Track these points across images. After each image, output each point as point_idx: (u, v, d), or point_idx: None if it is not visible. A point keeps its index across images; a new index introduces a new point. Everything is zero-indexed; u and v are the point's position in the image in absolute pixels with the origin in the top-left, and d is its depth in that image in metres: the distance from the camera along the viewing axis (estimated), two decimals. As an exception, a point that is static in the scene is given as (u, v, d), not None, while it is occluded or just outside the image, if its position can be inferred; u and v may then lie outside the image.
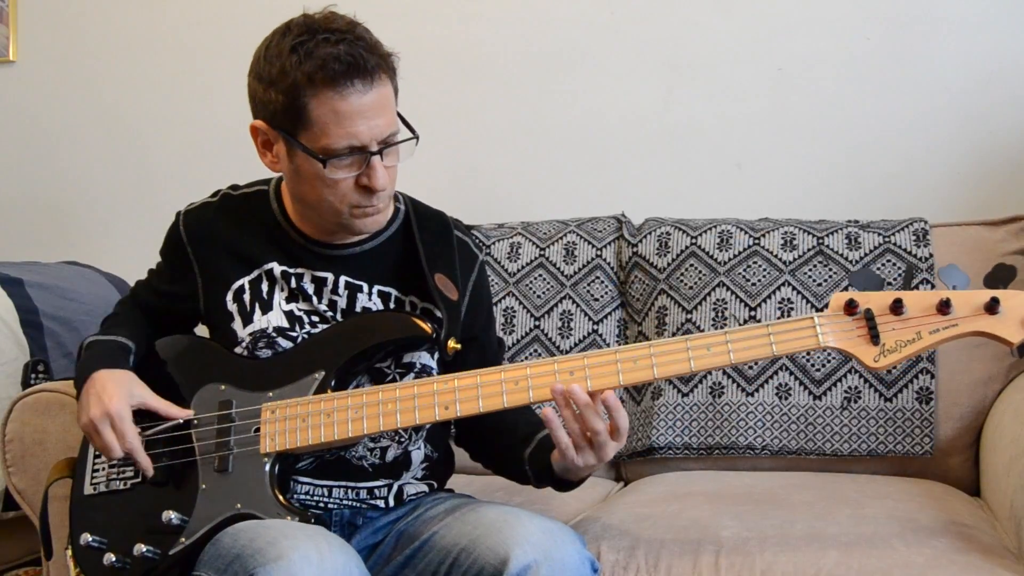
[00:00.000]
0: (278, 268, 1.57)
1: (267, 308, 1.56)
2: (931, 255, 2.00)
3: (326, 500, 1.53)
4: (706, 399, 2.03)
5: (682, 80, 2.46)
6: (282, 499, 1.44)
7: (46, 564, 1.78)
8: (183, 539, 1.45)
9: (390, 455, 1.56)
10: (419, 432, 1.59)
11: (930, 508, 1.62)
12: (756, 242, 2.09)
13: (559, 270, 2.19)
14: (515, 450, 1.55)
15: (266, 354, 1.55)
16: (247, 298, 1.57)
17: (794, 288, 2.03)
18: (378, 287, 1.58)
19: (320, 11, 1.45)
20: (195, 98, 2.81)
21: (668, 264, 2.12)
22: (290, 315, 1.56)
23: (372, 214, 1.49)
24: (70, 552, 1.54)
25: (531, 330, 2.17)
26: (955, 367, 1.94)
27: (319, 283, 1.57)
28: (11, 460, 1.83)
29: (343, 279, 1.57)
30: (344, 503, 1.53)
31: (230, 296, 1.58)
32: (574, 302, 2.17)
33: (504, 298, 2.19)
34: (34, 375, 2.11)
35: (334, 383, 1.49)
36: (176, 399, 1.55)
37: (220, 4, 2.78)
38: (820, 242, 2.06)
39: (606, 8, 2.50)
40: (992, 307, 1.30)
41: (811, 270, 2.04)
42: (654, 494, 1.80)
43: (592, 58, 2.52)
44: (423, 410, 1.42)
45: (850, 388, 1.96)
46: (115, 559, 1.47)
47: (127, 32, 2.86)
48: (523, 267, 2.21)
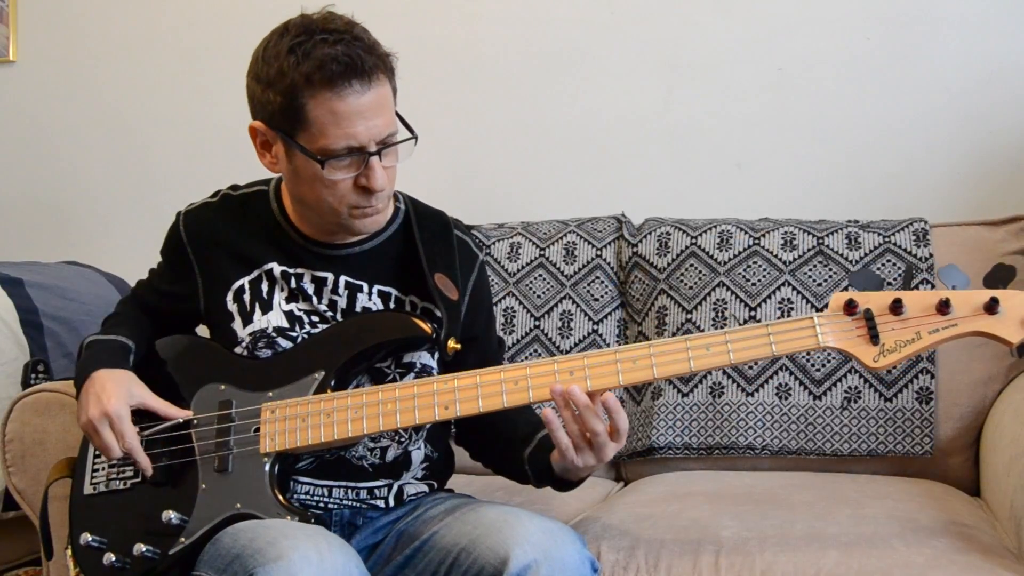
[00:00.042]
0: (278, 268, 1.57)
1: (267, 308, 1.56)
2: (931, 255, 2.00)
3: (326, 500, 1.53)
4: (706, 399, 2.02)
5: (682, 80, 2.46)
6: (282, 499, 1.44)
7: (46, 564, 1.78)
8: (183, 539, 1.45)
9: (390, 455, 1.56)
10: (419, 432, 1.58)
11: (930, 508, 1.62)
12: (756, 242, 2.09)
13: (559, 270, 2.19)
14: (515, 450, 1.55)
15: (266, 354, 1.54)
16: (247, 298, 1.57)
17: (794, 288, 2.03)
18: (378, 287, 1.57)
19: (318, 11, 1.45)
20: (195, 98, 2.81)
21: (668, 264, 2.12)
22: (290, 315, 1.56)
23: (371, 214, 1.49)
24: (70, 552, 1.53)
25: (531, 330, 2.17)
26: (955, 367, 1.94)
27: (319, 283, 1.57)
28: (11, 460, 1.83)
29: (343, 279, 1.57)
30: (344, 503, 1.53)
31: (230, 296, 1.58)
32: (574, 302, 2.17)
33: (504, 298, 2.19)
34: (34, 375, 2.11)
35: (334, 383, 1.49)
36: (176, 399, 1.55)
37: (220, 4, 2.78)
38: (820, 242, 2.06)
39: (606, 8, 2.50)
40: (992, 307, 1.30)
41: (811, 270, 2.04)
42: (654, 494, 1.79)
43: (592, 58, 2.52)
44: (423, 410, 1.42)
45: (850, 388, 1.96)
46: (115, 559, 1.47)
47: (127, 32, 2.86)
48: (523, 267, 2.21)
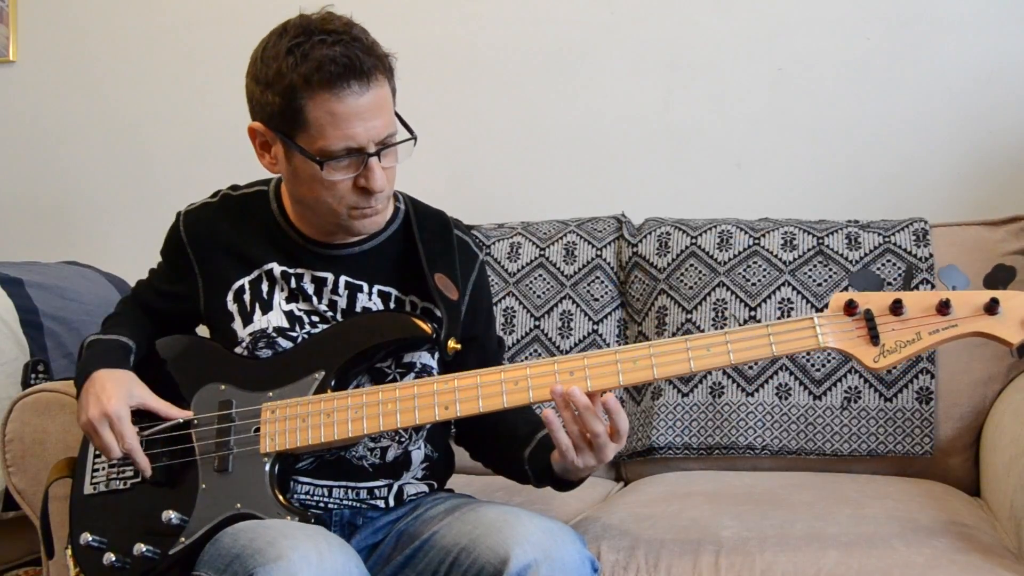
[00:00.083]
0: (278, 268, 1.57)
1: (267, 308, 1.56)
2: (931, 255, 2.00)
3: (326, 500, 1.53)
4: (706, 399, 2.02)
5: (682, 80, 2.46)
6: (282, 499, 1.44)
7: (46, 563, 1.78)
8: (183, 539, 1.45)
9: (390, 455, 1.55)
10: (419, 432, 1.58)
11: (930, 508, 1.62)
12: (756, 242, 2.09)
13: (559, 270, 2.19)
14: (515, 450, 1.55)
15: (266, 354, 1.54)
16: (247, 298, 1.57)
17: (794, 288, 2.03)
18: (378, 287, 1.57)
19: (317, 12, 1.44)
20: (195, 98, 2.81)
21: (668, 264, 2.12)
22: (290, 315, 1.56)
23: (371, 215, 1.49)
24: (70, 552, 1.53)
25: (531, 330, 2.17)
26: (955, 367, 1.94)
27: (319, 283, 1.57)
28: (11, 460, 1.83)
29: (343, 279, 1.57)
30: (344, 503, 1.53)
31: (230, 296, 1.58)
32: (574, 302, 2.17)
33: (504, 298, 2.19)
34: (34, 375, 2.11)
35: (334, 383, 1.49)
36: (176, 399, 1.54)
37: (220, 4, 2.78)
38: (820, 242, 2.06)
39: (606, 8, 2.50)
40: (992, 308, 1.30)
41: (811, 270, 2.04)
42: (654, 494, 1.79)
43: (592, 58, 2.52)
44: (423, 410, 1.42)
45: (850, 388, 1.96)
46: (115, 559, 1.47)
47: (127, 32, 2.86)
48: (523, 267, 2.21)
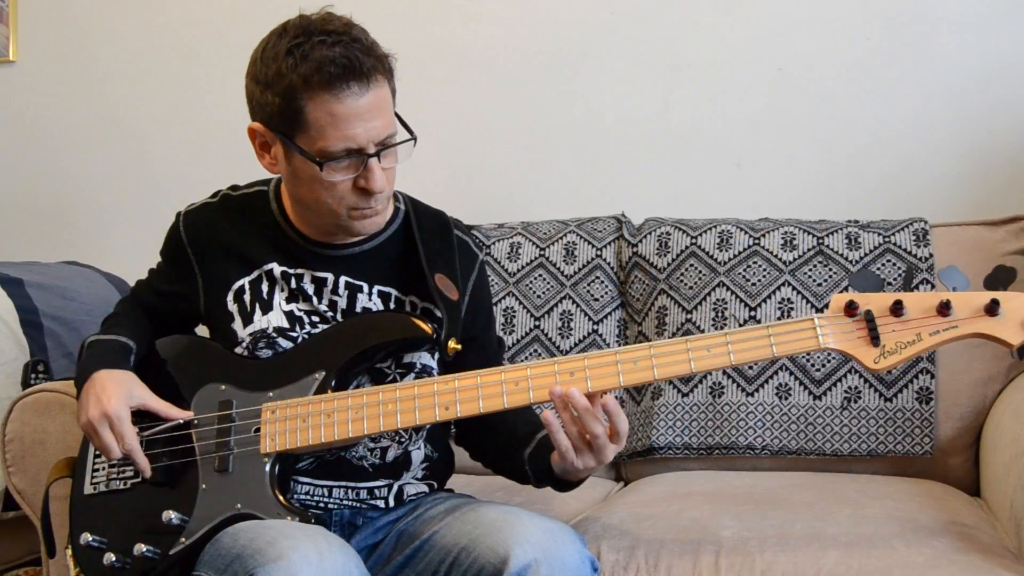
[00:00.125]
0: (278, 268, 1.57)
1: (267, 308, 1.56)
2: (931, 255, 2.00)
3: (326, 500, 1.53)
4: (706, 399, 2.02)
5: (682, 80, 2.46)
6: (282, 499, 1.44)
7: (47, 563, 1.79)
8: (183, 539, 1.45)
9: (390, 455, 1.56)
10: (419, 432, 1.58)
11: (930, 508, 1.62)
12: (756, 242, 2.09)
13: (559, 270, 2.19)
14: (515, 450, 1.55)
15: (266, 354, 1.54)
16: (247, 298, 1.57)
17: (794, 288, 2.03)
18: (378, 287, 1.57)
19: (317, 12, 1.44)
20: (195, 98, 2.80)
21: (668, 264, 2.12)
22: (290, 315, 1.56)
23: (370, 216, 1.49)
24: (70, 552, 1.54)
25: (531, 330, 2.17)
26: (955, 367, 1.94)
27: (319, 283, 1.57)
28: (11, 460, 1.83)
29: (343, 279, 1.57)
30: (344, 503, 1.53)
31: (230, 296, 1.58)
32: (574, 302, 2.17)
33: (504, 298, 2.19)
34: (34, 375, 2.11)
35: (334, 383, 1.49)
36: (176, 399, 1.54)
37: (220, 4, 2.77)
38: (820, 242, 2.06)
39: (606, 8, 2.50)
40: (992, 309, 1.30)
41: (811, 270, 2.04)
42: (654, 494, 1.79)
43: (592, 58, 2.52)
44: (423, 410, 1.42)
45: (850, 388, 1.96)
46: (115, 559, 1.47)
47: (127, 32, 2.86)
48: (523, 267, 2.21)
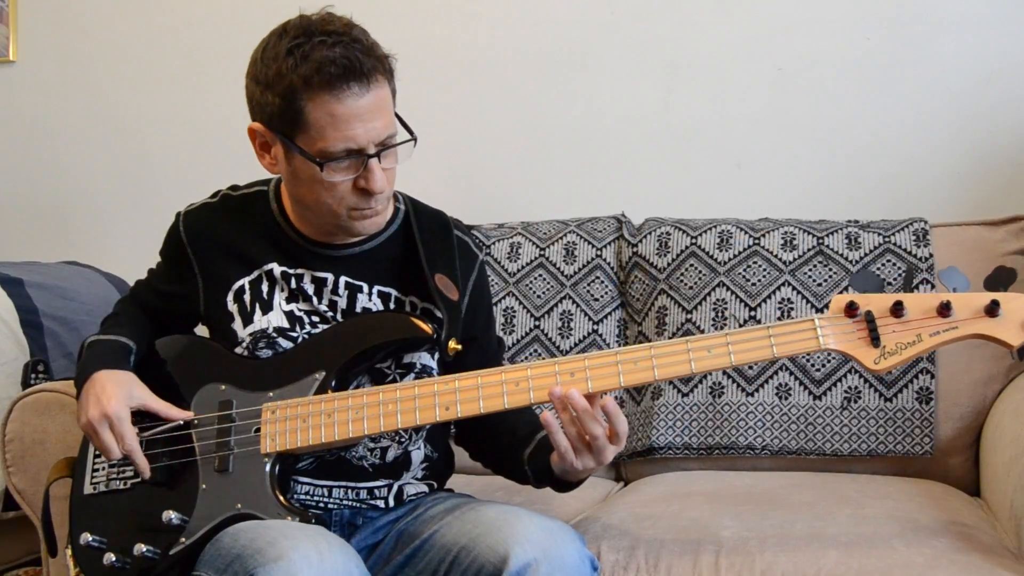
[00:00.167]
0: (278, 269, 1.57)
1: (267, 308, 1.56)
2: (931, 255, 2.00)
3: (326, 500, 1.53)
4: (706, 399, 2.02)
5: (682, 80, 2.46)
6: (282, 499, 1.44)
7: (47, 562, 1.79)
8: (183, 539, 1.45)
9: (390, 455, 1.56)
10: (419, 432, 1.58)
11: (930, 508, 1.62)
12: (756, 242, 2.09)
13: (559, 270, 2.19)
14: (515, 450, 1.55)
15: (266, 354, 1.54)
16: (247, 298, 1.57)
17: (794, 288, 2.03)
18: (378, 287, 1.57)
19: (317, 12, 1.44)
20: (195, 98, 2.81)
21: (668, 264, 2.12)
22: (290, 315, 1.56)
23: (370, 216, 1.49)
24: (70, 552, 1.54)
25: (531, 330, 2.17)
26: (955, 367, 1.94)
27: (319, 283, 1.57)
28: (11, 460, 1.83)
29: (343, 279, 1.57)
30: (344, 503, 1.53)
31: (230, 296, 1.58)
32: (574, 302, 2.17)
33: (504, 298, 2.19)
34: (34, 375, 2.11)
35: (334, 383, 1.49)
36: (176, 399, 1.54)
37: (220, 4, 2.77)
38: (820, 242, 2.06)
39: (606, 8, 2.50)
40: (992, 310, 1.30)
41: (811, 270, 2.04)
42: (654, 494, 1.80)
43: (592, 58, 2.52)
44: (423, 411, 1.42)
45: (850, 388, 1.96)
46: (115, 559, 1.47)
47: (127, 32, 2.86)
48: (523, 267, 2.21)
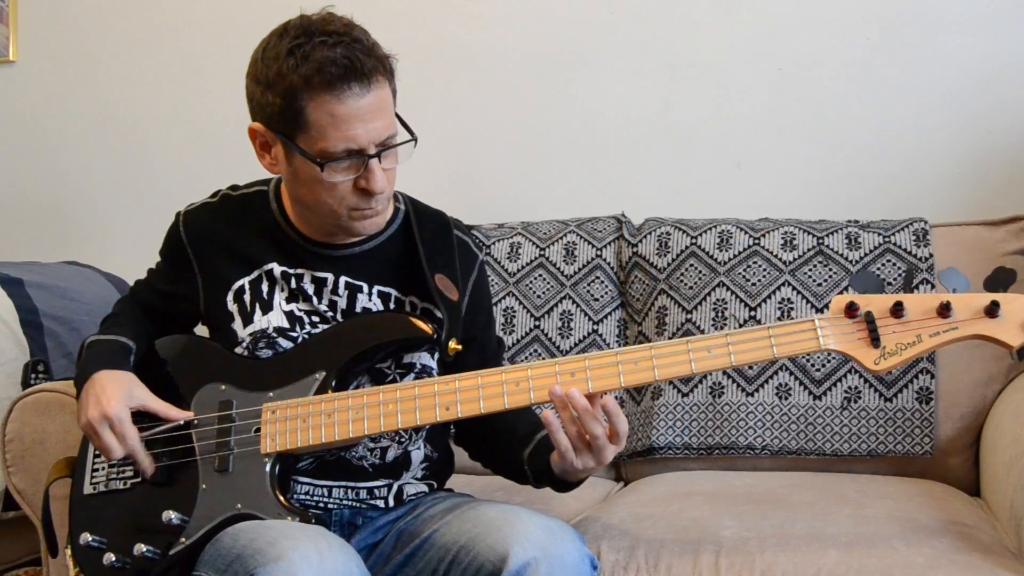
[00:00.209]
0: (278, 268, 1.57)
1: (267, 308, 1.56)
2: (931, 255, 2.00)
3: (326, 500, 1.53)
4: (706, 399, 2.02)
5: (682, 80, 2.46)
6: (282, 499, 1.44)
7: (47, 562, 1.79)
8: (183, 539, 1.45)
9: (390, 455, 1.56)
10: (419, 432, 1.58)
11: (930, 508, 1.62)
12: (756, 242, 2.09)
13: (559, 270, 2.19)
14: (514, 450, 1.55)
15: (266, 354, 1.54)
16: (247, 298, 1.57)
17: (794, 288, 2.03)
18: (378, 287, 1.57)
19: (318, 12, 1.44)
20: (195, 98, 2.80)
21: (668, 264, 2.12)
22: (290, 315, 1.56)
23: (371, 216, 1.49)
24: (70, 552, 1.53)
25: (531, 330, 2.17)
26: (955, 367, 1.94)
27: (319, 283, 1.57)
28: (11, 460, 1.83)
29: (343, 279, 1.57)
30: (344, 503, 1.53)
31: (230, 296, 1.58)
32: (574, 302, 2.17)
33: (504, 298, 2.19)
34: (34, 375, 2.11)
35: (335, 383, 1.49)
36: (176, 399, 1.54)
37: (220, 4, 2.77)
38: (820, 242, 2.06)
39: (606, 8, 2.50)
40: (992, 310, 1.30)
41: (811, 270, 2.04)
42: (654, 494, 1.80)
43: (592, 58, 2.52)
44: (424, 411, 1.42)
45: (850, 388, 1.96)
46: (115, 559, 1.47)
47: (127, 32, 2.86)
48: (523, 267, 2.21)
